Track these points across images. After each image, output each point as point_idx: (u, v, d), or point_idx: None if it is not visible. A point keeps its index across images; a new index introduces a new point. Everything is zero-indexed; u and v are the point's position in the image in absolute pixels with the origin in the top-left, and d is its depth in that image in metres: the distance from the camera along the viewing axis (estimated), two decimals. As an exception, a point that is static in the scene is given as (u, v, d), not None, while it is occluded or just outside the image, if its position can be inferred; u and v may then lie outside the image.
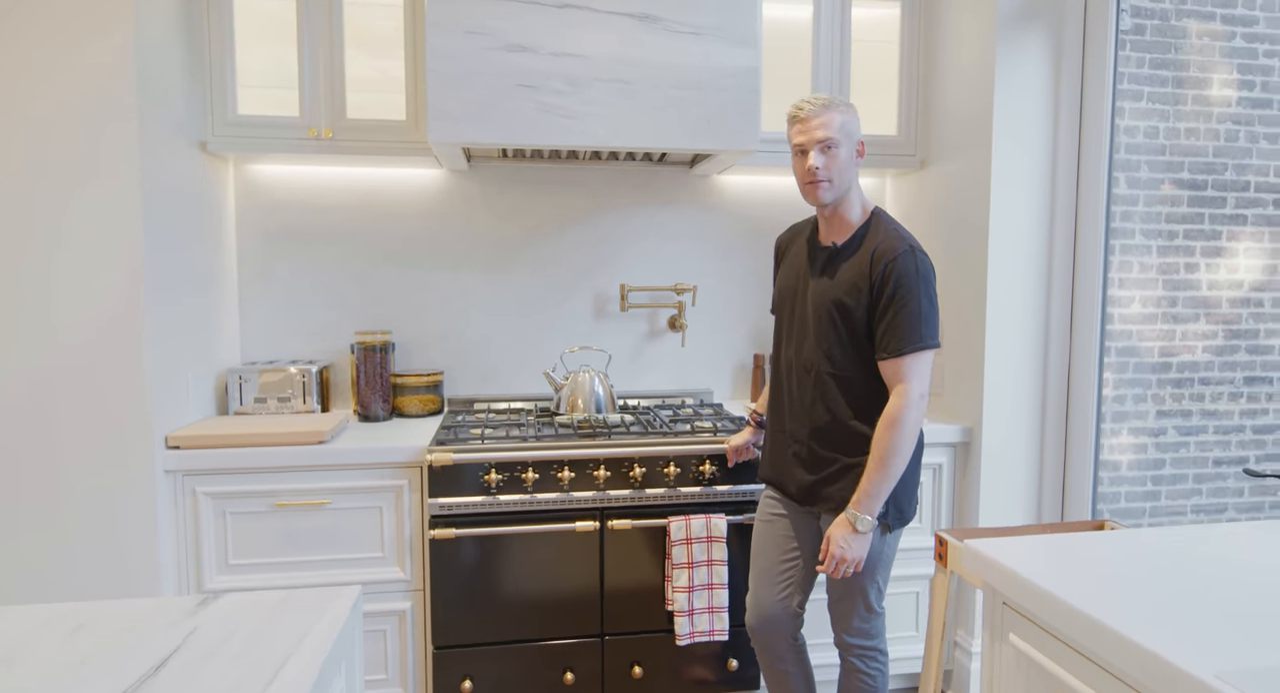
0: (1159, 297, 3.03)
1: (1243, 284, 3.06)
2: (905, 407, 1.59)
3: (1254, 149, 3.02)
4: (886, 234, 1.66)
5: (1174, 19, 2.97)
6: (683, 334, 2.65)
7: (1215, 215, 3.02)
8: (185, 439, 1.93)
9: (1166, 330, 3.04)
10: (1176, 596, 1.03)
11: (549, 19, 2.06)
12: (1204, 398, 3.08)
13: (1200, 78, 2.99)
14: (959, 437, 2.26)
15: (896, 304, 1.60)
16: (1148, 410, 3.07)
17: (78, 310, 1.82)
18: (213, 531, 1.95)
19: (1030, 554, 1.21)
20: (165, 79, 1.96)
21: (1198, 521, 3.10)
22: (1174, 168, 3.00)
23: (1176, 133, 2.99)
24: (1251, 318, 3.06)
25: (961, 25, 2.31)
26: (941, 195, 2.42)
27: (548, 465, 2.02)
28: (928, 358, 1.61)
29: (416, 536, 2.03)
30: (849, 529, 1.62)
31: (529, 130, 2.05)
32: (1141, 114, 2.97)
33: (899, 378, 1.61)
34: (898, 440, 1.59)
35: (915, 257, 1.61)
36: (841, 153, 1.66)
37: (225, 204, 2.37)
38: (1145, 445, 3.08)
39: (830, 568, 1.64)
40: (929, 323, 1.60)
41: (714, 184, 2.67)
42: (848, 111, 1.67)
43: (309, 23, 2.19)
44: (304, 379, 2.28)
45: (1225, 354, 3.06)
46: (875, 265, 1.62)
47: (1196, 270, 3.03)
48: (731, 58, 2.14)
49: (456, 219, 2.55)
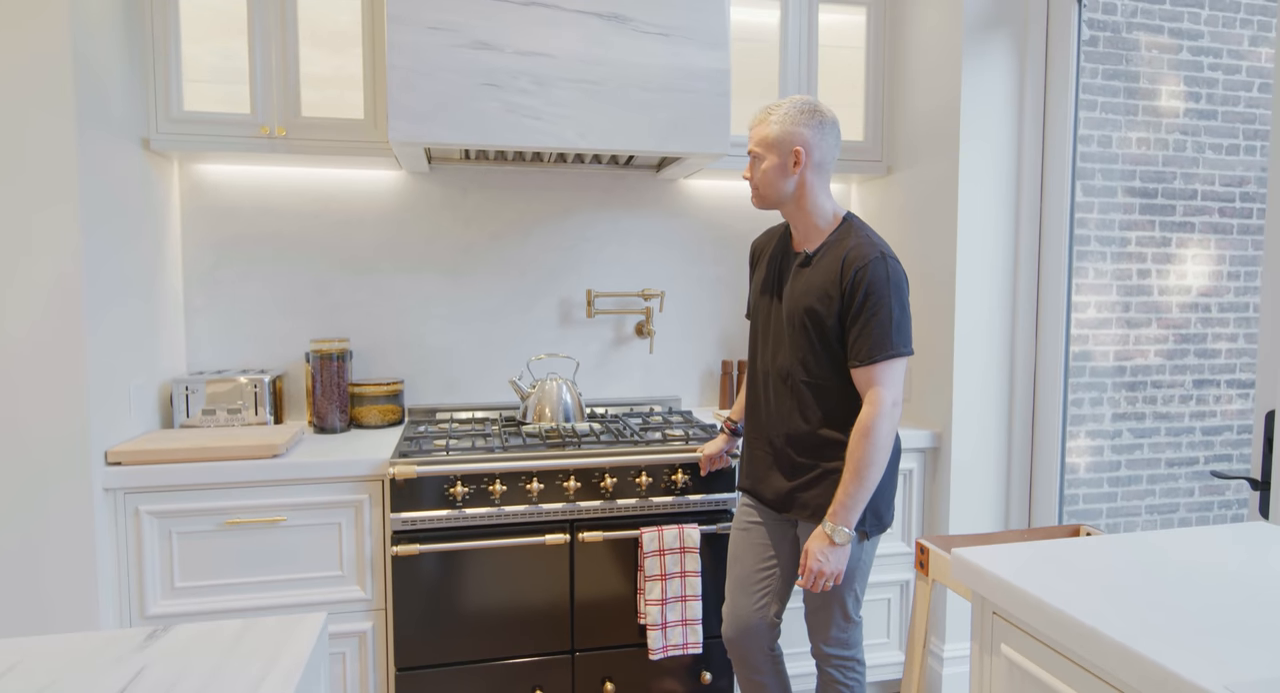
0: (1113, 302, 3.10)
1: (1191, 289, 3.14)
2: (877, 415, 1.57)
3: (1200, 159, 3.11)
4: (858, 241, 1.63)
5: (1125, 31, 3.05)
6: (650, 340, 2.60)
7: (1165, 222, 3.11)
8: (126, 455, 1.81)
9: (1120, 335, 3.11)
10: (1173, 604, 1.01)
11: (515, 16, 2.00)
12: (1156, 401, 3.15)
13: (1150, 89, 3.07)
14: (929, 442, 2.26)
15: (867, 312, 1.58)
16: (1104, 414, 3.13)
17: (7, 316, 1.69)
18: (157, 552, 1.83)
19: (1019, 563, 1.19)
20: (104, 70, 1.84)
21: (1152, 520, 3.17)
22: (1126, 176, 3.08)
23: (1128, 142, 3.06)
24: (1200, 322, 3.15)
25: (926, 33, 2.32)
26: (908, 202, 2.43)
27: (516, 477, 1.95)
28: (900, 365, 1.60)
29: (378, 552, 1.94)
30: (826, 542, 1.59)
31: (494, 130, 1.98)
32: (1095, 124, 3.04)
33: (871, 385, 1.59)
34: (871, 450, 1.57)
35: (886, 263, 1.59)
36: (765, 164, 1.66)
37: (170, 205, 2.25)
38: (1102, 448, 3.14)
39: (809, 582, 1.61)
40: (900, 330, 1.59)
41: (681, 189, 2.63)
42: (778, 122, 1.64)
43: (261, 15, 2.09)
44: (255, 389, 2.17)
45: (1175, 358, 3.15)
46: (846, 272, 1.61)
47: (1148, 276, 3.11)
48: (701, 59, 2.10)
49: (417, 222, 2.46)
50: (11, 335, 1.69)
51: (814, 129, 1.65)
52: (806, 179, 1.66)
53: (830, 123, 1.68)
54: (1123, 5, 3.02)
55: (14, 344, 1.69)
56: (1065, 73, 2.14)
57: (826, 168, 1.68)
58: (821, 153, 1.66)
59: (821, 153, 1.66)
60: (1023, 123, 2.21)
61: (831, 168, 1.70)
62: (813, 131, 1.65)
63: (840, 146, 1.72)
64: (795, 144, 1.64)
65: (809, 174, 1.66)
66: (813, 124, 1.65)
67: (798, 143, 1.64)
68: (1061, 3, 2.14)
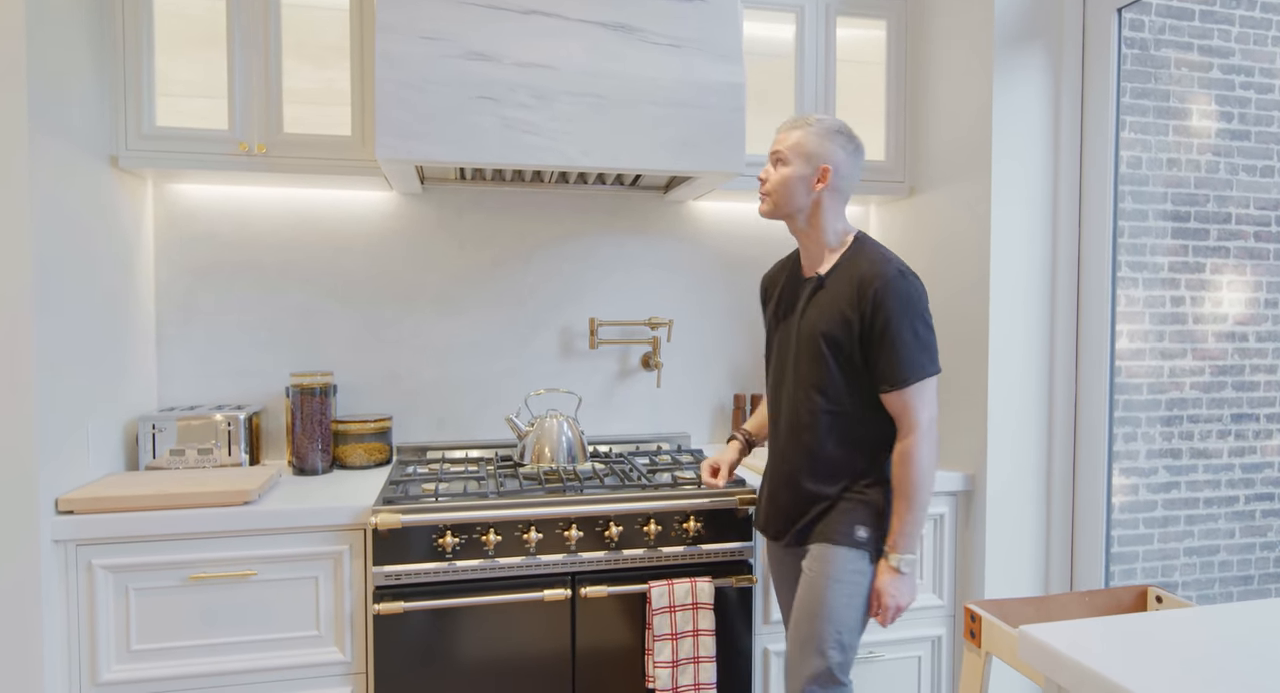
0: (1146, 331, 2.93)
1: (1227, 318, 2.98)
2: (918, 438, 1.52)
3: (1234, 181, 2.96)
4: (871, 260, 1.57)
5: (1154, 48, 2.91)
6: (658, 373, 2.43)
7: (1198, 248, 2.95)
8: (80, 502, 1.63)
9: (1155, 366, 2.94)
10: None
11: (514, 26, 1.86)
12: (1193, 436, 2.97)
13: (1180, 109, 2.93)
14: (962, 484, 2.08)
15: (891, 333, 1.51)
16: (1138, 450, 2.95)
17: (-51, 351, 1.52)
18: (111, 610, 1.65)
19: (1100, 643, 1.01)
20: (65, 78, 1.69)
21: (1190, 563, 2.98)
22: (1157, 199, 2.93)
23: (1159, 163, 2.92)
24: (1237, 353, 2.98)
25: (952, 47, 2.18)
26: (934, 225, 2.27)
27: (512, 526, 1.77)
28: (932, 384, 1.54)
29: (358, 610, 1.75)
30: (894, 574, 1.55)
31: (490, 148, 1.82)
32: (1125, 144, 2.89)
33: (906, 408, 1.53)
34: (918, 473, 1.52)
35: (905, 281, 1.53)
36: (788, 170, 1.60)
37: (142, 228, 2.09)
38: (1137, 486, 2.96)
39: (889, 618, 1.56)
40: (927, 349, 1.53)
41: (690, 211, 2.48)
42: (816, 134, 1.60)
43: (241, 27, 1.95)
44: (230, 427, 1.99)
45: (1212, 390, 2.97)
46: (863, 293, 1.53)
47: (1182, 304, 2.95)
48: (713, 73, 1.96)
49: (409, 247, 2.30)
50: (-48, 371, 1.52)
51: (848, 153, 1.62)
52: (824, 199, 1.61)
53: (861, 150, 1.65)
54: (1150, 22, 2.89)
55: (-45, 380, 1.52)
56: (1105, 88, 2.00)
57: (846, 193, 1.64)
58: (846, 179, 1.63)
59: (846, 179, 1.63)
60: (1059, 141, 2.06)
61: (850, 194, 1.65)
62: (846, 155, 1.61)
63: (861, 174, 1.67)
64: (825, 162, 1.60)
65: (828, 194, 1.61)
66: (848, 148, 1.62)
67: (828, 161, 1.60)
68: (1100, 13, 2.00)
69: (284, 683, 1.73)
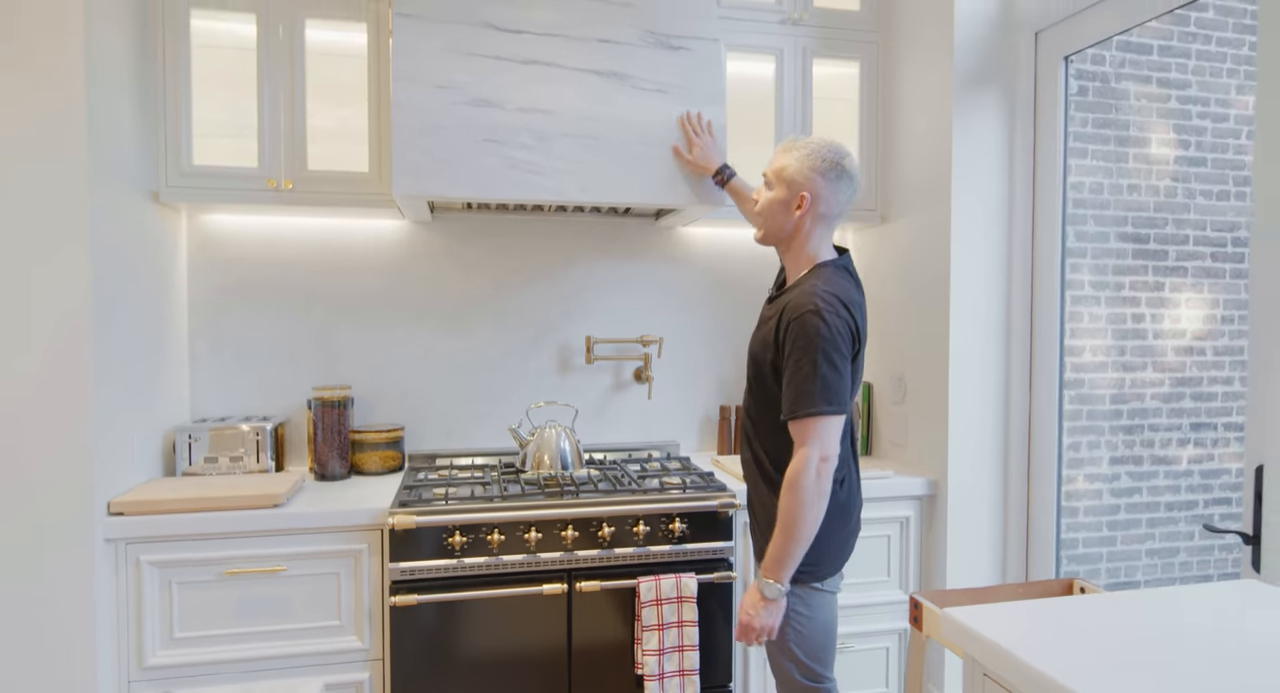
0: (1109, 346, 3.12)
1: (1186, 333, 3.17)
2: (800, 471, 1.52)
3: (1191, 205, 3.16)
4: (803, 291, 1.58)
5: (1115, 81, 3.12)
6: (649, 386, 2.63)
7: (1158, 267, 3.14)
8: (129, 505, 1.83)
9: (1117, 378, 3.13)
10: (1177, 671, 1.02)
11: (516, 75, 2.06)
12: (1154, 444, 3.16)
13: (1140, 137, 3.13)
14: (924, 489, 2.27)
15: (793, 365, 1.54)
16: (1101, 457, 3.14)
17: (16, 368, 1.72)
18: (156, 602, 1.84)
19: (1009, 624, 1.20)
20: (117, 126, 1.90)
21: (1152, 565, 3.16)
22: (1119, 222, 3.12)
23: (1120, 188, 3.11)
24: (1195, 366, 3.17)
25: (918, 85, 2.38)
26: (903, 249, 2.47)
27: (514, 526, 1.96)
28: (823, 424, 1.52)
29: (376, 602, 1.95)
30: (756, 595, 1.57)
31: (496, 185, 2.02)
32: (1087, 171, 3.09)
33: (798, 441, 1.55)
34: (796, 505, 1.51)
35: (818, 318, 1.52)
36: (771, 195, 1.67)
37: (177, 255, 2.29)
38: (1100, 491, 3.15)
39: (738, 634, 1.59)
40: (826, 389, 1.51)
41: (679, 236, 2.68)
42: (798, 159, 1.64)
43: (270, 72, 2.15)
44: (258, 437, 2.19)
45: (1172, 401, 3.16)
46: (783, 321, 1.58)
47: (1143, 320, 3.14)
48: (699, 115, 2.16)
49: (419, 271, 2.50)
50: (20, 386, 1.72)
51: (828, 181, 1.63)
52: (805, 224, 1.65)
53: (848, 176, 1.65)
54: (1111, 56, 3.09)
55: (22, 395, 1.72)
56: (1054, 127, 2.20)
57: (831, 219, 1.67)
58: (828, 205, 1.64)
59: (828, 205, 1.64)
60: (1013, 174, 2.26)
61: (839, 219, 1.69)
62: (825, 182, 1.63)
63: (854, 199, 1.69)
64: (804, 189, 1.63)
65: (809, 220, 1.65)
66: (829, 175, 1.63)
67: (807, 188, 1.63)
68: (1049, 60, 2.20)
69: (309, 669, 1.92)
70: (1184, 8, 1.84)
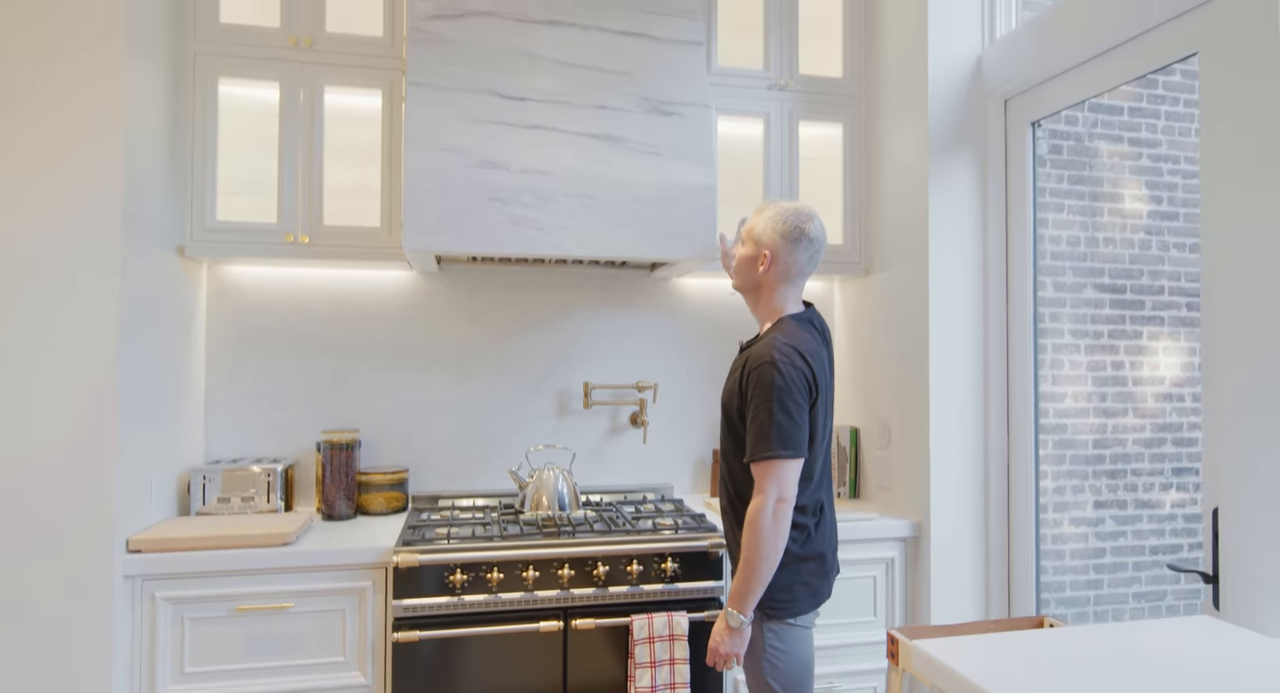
0: (1089, 392, 3.23)
1: (1164, 380, 3.28)
2: (758, 511, 1.64)
3: (1165, 257, 3.29)
4: (766, 344, 1.71)
5: (1087, 140, 3.28)
6: (644, 430, 2.73)
7: (1135, 316, 3.27)
8: (147, 543, 1.92)
9: (1099, 424, 3.22)
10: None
11: (520, 139, 2.21)
12: (1137, 488, 3.24)
13: (1114, 192, 3.28)
14: (908, 531, 2.36)
15: (752, 412, 1.67)
16: (1086, 501, 3.22)
17: (45, 413, 1.83)
18: (169, 637, 1.92)
19: (976, 656, 1.29)
20: (149, 187, 2.04)
21: (1140, 608, 3.21)
22: (1095, 273, 3.26)
23: (1096, 241, 3.26)
24: (1175, 412, 3.27)
25: (897, 147, 2.53)
26: (885, 299, 2.59)
27: (513, 565, 2.05)
28: (780, 467, 1.64)
29: (379, 638, 2.02)
30: (722, 623, 1.71)
31: (499, 241, 2.16)
32: (1064, 224, 3.24)
33: (757, 483, 1.66)
34: (755, 542, 1.63)
35: (774, 369, 1.64)
36: (742, 251, 1.84)
37: (197, 305, 2.42)
38: (1086, 534, 3.22)
39: (708, 659, 1.72)
40: (781, 435, 1.63)
41: (674, 287, 2.81)
42: (764, 220, 1.79)
43: (290, 135, 2.30)
44: (269, 478, 2.29)
45: (1154, 446, 3.25)
46: (746, 371, 1.71)
47: (1122, 368, 3.25)
48: (689, 176, 2.31)
49: (426, 320, 2.63)
50: (51, 428, 1.83)
51: (788, 242, 1.77)
52: (769, 280, 1.80)
53: (807, 239, 1.78)
54: (1084, 116, 3.26)
55: (50, 439, 1.83)
56: (1023, 187, 2.34)
57: (793, 277, 1.80)
58: (787, 265, 1.78)
59: (787, 265, 1.78)
60: (987, 229, 2.39)
61: (801, 277, 1.82)
62: (785, 243, 1.77)
63: (816, 260, 1.82)
64: (766, 249, 1.79)
65: (772, 276, 1.80)
66: (789, 237, 1.77)
67: (768, 248, 1.79)
68: (1018, 125, 2.36)
69: (313, 703, 1.99)
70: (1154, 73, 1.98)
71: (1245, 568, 1.57)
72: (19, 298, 1.82)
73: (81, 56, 1.86)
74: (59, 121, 1.85)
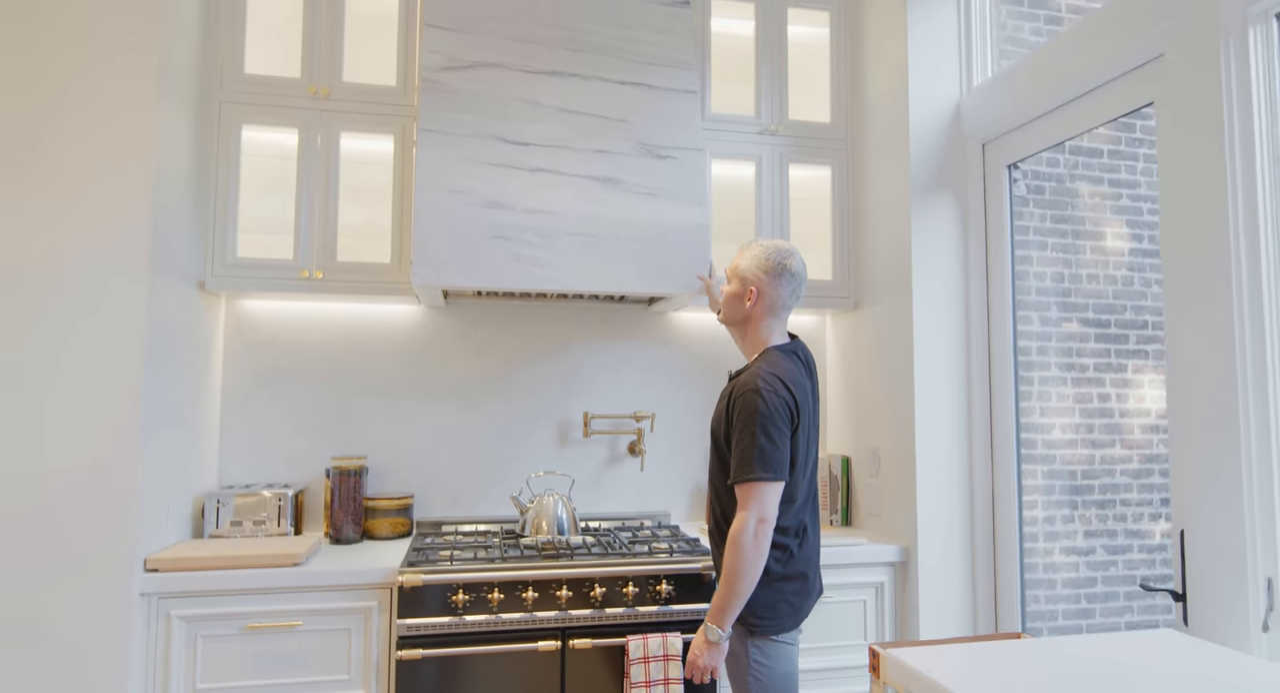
0: (1077, 423, 3.31)
1: (1150, 412, 3.36)
2: (740, 531, 1.71)
3: (1147, 292, 3.40)
4: (751, 373, 1.82)
5: (1068, 181, 3.42)
6: (642, 459, 2.82)
7: (1120, 350, 3.36)
8: (163, 562, 2.01)
9: (1087, 455, 3.30)
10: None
11: (523, 181, 2.35)
12: (1126, 518, 3.30)
13: (1095, 231, 3.41)
14: (897, 556, 2.43)
15: (737, 436, 1.76)
16: (1076, 530, 3.28)
17: (73, 438, 1.93)
18: (183, 654, 2.00)
19: (951, 665, 1.37)
20: (175, 225, 2.18)
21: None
22: (1080, 308, 3.37)
23: (1079, 278, 3.37)
24: (1161, 443, 3.34)
25: (882, 188, 2.67)
26: (873, 332, 2.70)
27: (513, 586, 2.13)
28: (762, 490, 1.72)
29: (383, 657, 2.10)
30: (702, 638, 1.79)
31: (503, 277, 2.28)
32: (1048, 261, 3.35)
33: (740, 504, 1.75)
34: (735, 560, 1.71)
35: (758, 396, 1.74)
36: (728, 288, 1.94)
37: (214, 336, 2.54)
38: (1077, 564, 3.27)
39: (687, 672, 1.81)
40: (762, 457, 1.71)
41: (670, 320, 2.93)
42: (749, 258, 1.89)
43: (307, 177, 2.45)
44: (280, 503, 2.38)
45: (1142, 477, 3.32)
46: (733, 399, 1.81)
47: (1109, 400, 3.33)
48: (685, 215, 2.44)
49: (433, 351, 2.75)
50: (73, 453, 1.93)
51: (771, 278, 1.88)
52: (755, 314, 1.90)
53: (789, 275, 1.88)
54: (1065, 158, 3.40)
55: (75, 461, 1.93)
56: (1001, 226, 2.46)
57: (778, 310, 1.90)
58: (772, 299, 1.88)
59: (772, 299, 1.88)
60: (968, 266, 2.51)
61: (785, 310, 1.92)
62: (769, 279, 1.88)
63: (798, 293, 1.93)
64: (751, 285, 1.89)
65: (758, 311, 1.90)
66: (772, 273, 1.87)
67: (753, 284, 1.89)
68: (995, 168, 2.49)
69: (318, 721, 2.05)
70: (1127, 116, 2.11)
71: (1210, 586, 1.65)
72: (48, 324, 1.95)
73: (117, 104, 2.01)
74: (94, 161, 1.99)
